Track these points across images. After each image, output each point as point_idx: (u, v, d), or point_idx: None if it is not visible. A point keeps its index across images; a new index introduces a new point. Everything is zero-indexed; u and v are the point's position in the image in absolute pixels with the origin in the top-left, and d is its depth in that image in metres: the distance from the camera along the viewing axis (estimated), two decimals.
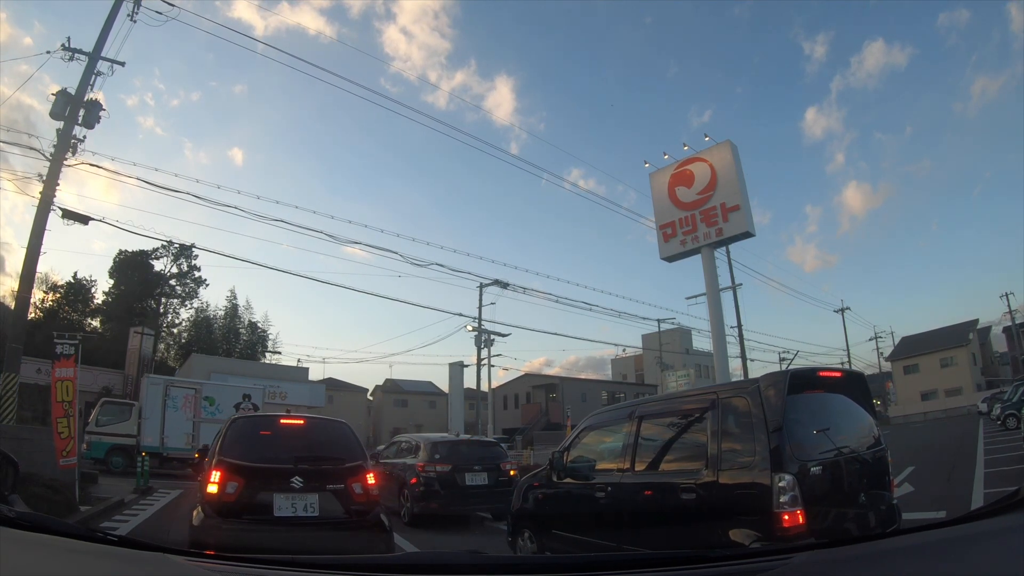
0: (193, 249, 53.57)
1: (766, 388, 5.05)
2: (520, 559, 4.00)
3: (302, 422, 7.49)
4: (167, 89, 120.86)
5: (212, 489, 6.11)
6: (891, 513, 5.44)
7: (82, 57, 17.25)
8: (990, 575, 1.58)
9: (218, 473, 6.16)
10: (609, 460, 6.50)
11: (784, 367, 50.26)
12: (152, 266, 53.09)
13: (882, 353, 67.21)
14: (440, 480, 11.65)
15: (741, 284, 37.89)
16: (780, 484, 4.53)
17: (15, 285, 47.35)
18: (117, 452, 21.01)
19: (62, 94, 16.62)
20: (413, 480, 11.78)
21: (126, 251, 51.67)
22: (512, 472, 12.52)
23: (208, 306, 57.37)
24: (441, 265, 27.86)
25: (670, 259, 33.10)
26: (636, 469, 5.96)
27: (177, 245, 52.60)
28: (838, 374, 6.27)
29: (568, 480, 6.92)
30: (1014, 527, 1.75)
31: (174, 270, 54.66)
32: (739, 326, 38.60)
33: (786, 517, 4.48)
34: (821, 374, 6.07)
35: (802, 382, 5.35)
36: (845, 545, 2.10)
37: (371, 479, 6.75)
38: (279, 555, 1.95)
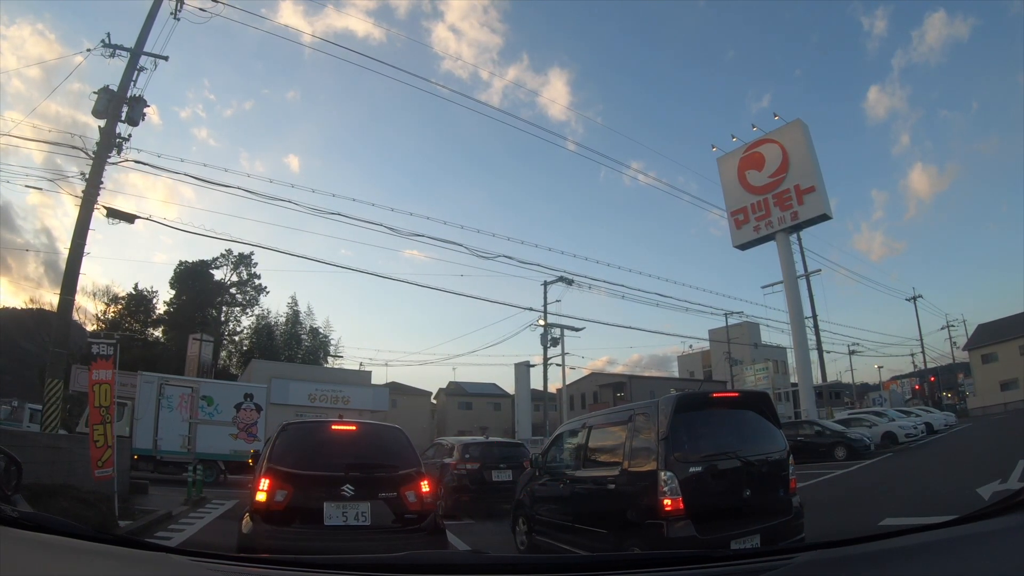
0: (252, 257, 54.28)
1: (662, 407, 6.30)
2: (520, 558, 4.04)
3: (354, 428, 7.36)
4: (219, 100, 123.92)
5: (261, 497, 5.97)
6: (784, 506, 6.41)
7: (123, 54, 16.70)
8: (990, 575, 1.62)
9: (267, 481, 6.03)
10: (569, 460, 8.10)
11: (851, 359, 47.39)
12: (212, 275, 53.83)
13: (955, 343, 63.25)
14: (470, 477, 13.27)
15: (820, 270, 35.47)
16: (664, 478, 5.81)
17: (81, 300, 48.30)
18: None
19: (104, 91, 16.14)
20: (446, 477, 13.16)
21: (186, 262, 52.47)
22: None
23: (269, 313, 57.69)
24: (509, 257, 26.63)
25: (743, 247, 31.46)
26: (584, 467, 7.56)
27: (237, 254, 53.29)
28: (734, 395, 8.45)
29: (546, 476, 8.57)
30: (1014, 527, 1.78)
31: (234, 278, 55.25)
32: (814, 316, 36.20)
33: (667, 503, 5.73)
34: (714, 395, 7.41)
35: (693, 403, 6.64)
36: (847, 545, 2.00)
37: (425, 486, 6.57)
38: (282, 555, 2.07)
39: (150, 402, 20.55)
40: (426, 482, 6.61)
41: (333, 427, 7.13)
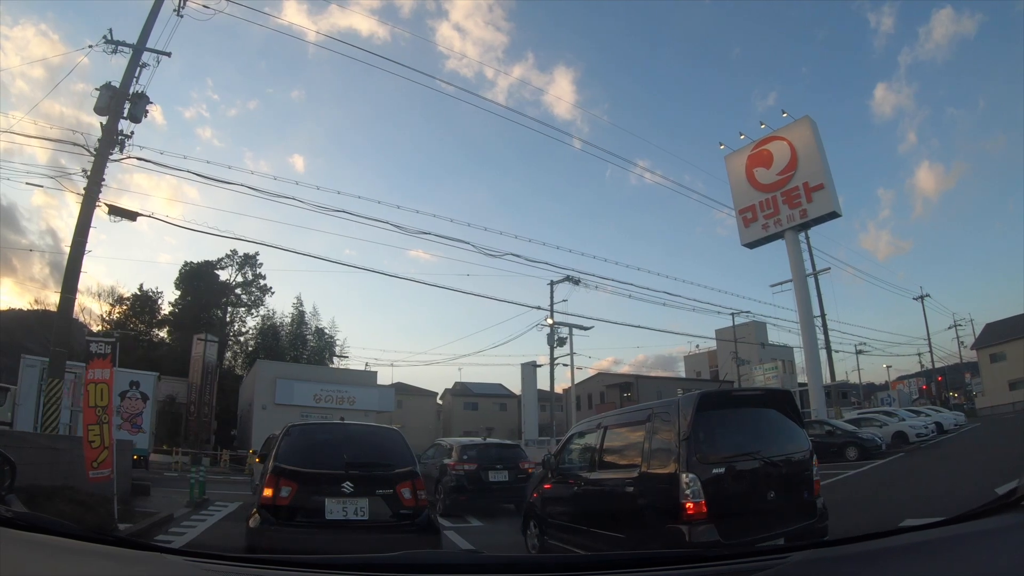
0: (257, 257, 54.17)
1: (683, 406, 6.10)
2: (519, 558, 4.02)
3: (354, 429, 7.93)
4: (223, 99, 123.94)
5: (267, 493, 6.37)
6: (808, 508, 6.25)
7: (125, 50, 16.53)
8: (990, 574, 1.60)
9: (274, 478, 6.45)
10: (583, 461, 7.86)
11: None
12: (217, 276, 53.76)
13: (963, 342, 62.76)
14: (468, 477, 13.59)
15: (828, 268, 35.03)
16: (686, 480, 5.61)
17: (86, 301, 48.10)
18: None
19: (106, 88, 15.95)
20: (445, 476, 13.81)
21: (191, 262, 52.38)
22: (529, 470, 14.28)
23: (274, 313, 57.48)
24: (516, 255, 26.23)
25: (751, 245, 31.15)
26: (599, 468, 7.27)
27: (242, 254, 53.18)
28: (757, 393, 7.74)
29: (558, 479, 8.29)
30: (1013, 526, 1.76)
31: (239, 279, 55.11)
32: (823, 315, 35.77)
33: (689, 506, 5.53)
34: (736, 394, 7.42)
35: (715, 401, 6.40)
36: (844, 544, 1.98)
37: (420, 484, 7.00)
38: (279, 555, 1.98)
39: (32, 387, 19.34)
40: (420, 481, 7.05)
41: (334, 428, 7.77)
